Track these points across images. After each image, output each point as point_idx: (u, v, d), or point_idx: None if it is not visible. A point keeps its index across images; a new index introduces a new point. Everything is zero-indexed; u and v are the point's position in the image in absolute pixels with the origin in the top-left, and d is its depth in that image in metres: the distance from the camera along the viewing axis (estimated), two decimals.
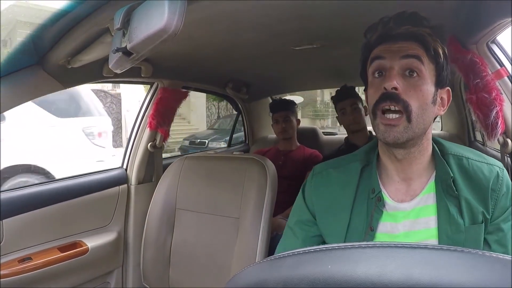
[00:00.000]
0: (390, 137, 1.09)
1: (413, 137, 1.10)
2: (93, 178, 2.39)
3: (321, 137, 4.11)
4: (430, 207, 1.16)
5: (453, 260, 0.45)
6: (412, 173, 1.18)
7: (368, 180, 1.23)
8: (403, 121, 1.07)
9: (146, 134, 2.60)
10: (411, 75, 1.09)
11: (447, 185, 1.14)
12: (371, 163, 1.25)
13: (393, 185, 1.20)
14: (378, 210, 1.17)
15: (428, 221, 1.15)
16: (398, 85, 1.07)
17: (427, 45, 1.11)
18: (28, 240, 1.98)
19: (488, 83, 1.52)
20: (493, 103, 1.51)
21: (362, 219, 1.19)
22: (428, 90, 1.10)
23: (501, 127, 1.54)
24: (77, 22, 1.24)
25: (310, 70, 2.94)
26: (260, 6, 1.41)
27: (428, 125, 1.13)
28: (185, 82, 2.71)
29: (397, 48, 1.11)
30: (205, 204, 2.17)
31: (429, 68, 1.11)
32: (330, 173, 1.31)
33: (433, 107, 1.12)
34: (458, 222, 1.12)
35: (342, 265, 0.48)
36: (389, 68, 1.11)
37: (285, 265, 0.52)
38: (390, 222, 1.17)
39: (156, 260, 2.21)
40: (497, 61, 1.58)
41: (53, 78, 1.56)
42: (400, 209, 1.17)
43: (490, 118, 1.52)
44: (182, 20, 0.88)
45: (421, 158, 1.17)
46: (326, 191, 1.28)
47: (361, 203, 1.21)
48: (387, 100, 1.08)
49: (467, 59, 1.56)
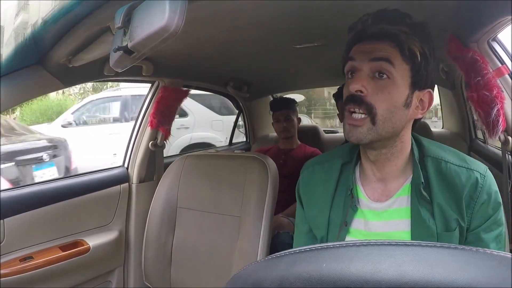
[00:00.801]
0: (353, 137, 1.10)
1: (378, 139, 1.09)
2: (94, 177, 2.39)
3: (322, 136, 4.10)
4: (403, 210, 1.16)
5: (446, 257, 0.45)
6: (386, 174, 1.18)
7: (347, 176, 1.25)
8: (367, 123, 1.07)
9: (147, 132, 2.60)
10: (381, 77, 1.08)
11: (419, 190, 1.13)
12: (352, 160, 1.26)
13: (370, 184, 1.22)
14: (354, 206, 1.19)
15: (400, 224, 1.15)
16: (365, 87, 1.07)
17: (401, 45, 1.07)
18: (29, 239, 1.98)
19: (489, 81, 1.52)
20: (494, 101, 1.51)
21: (339, 214, 1.22)
22: (399, 93, 1.08)
23: (502, 125, 1.54)
24: (78, 21, 1.23)
25: (311, 68, 2.94)
26: (261, 4, 1.41)
27: (399, 128, 1.12)
28: (186, 81, 2.71)
29: (368, 49, 1.10)
30: (206, 202, 2.17)
31: (401, 69, 1.08)
32: (315, 169, 1.34)
33: (405, 110, 1.10)
34: (430, 227, 1.11)
35: (337, 263, 0.48)
36: (358, 69, 1.11)
37: (281, 264, 0.53)
38: (363, 219, 1.19)
39: (157, 259, 2.22)
40: (498, 59, 1.58)
41: (54, 77, 1.56)
42: (372, 208, 1.19)
43: (491, 116, 1.52)
44: (183, 18, 0.87)
45: (395, 160, 1.17)
46: (311, 186, 1.32)
47: (339, 198, 1.24)
48: (351, 102, 1.09)
49: (468, 57, 1.56)
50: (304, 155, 3.19)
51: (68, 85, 1.70)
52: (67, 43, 1.37)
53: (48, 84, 1.58)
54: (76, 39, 1.34)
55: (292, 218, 2.66)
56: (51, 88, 1.64)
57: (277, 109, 3.29)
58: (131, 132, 2.68)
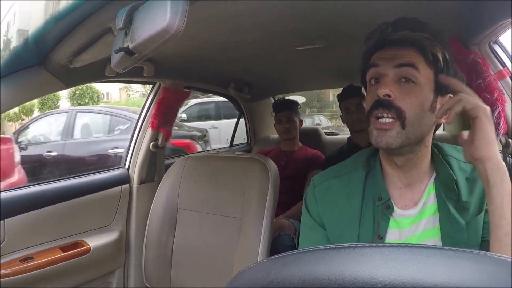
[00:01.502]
0: (382, 142, 1.08)
1: (407, 144, 1.09)
2: (95, 177, 2.39)
3: (323, 137, 4.10)
4: (431, 207, 1.16)
5: (432, 259, 0.45)
6: (412, 177, 1.18)
7: (373, 187, 1.21)
8: (397, 126, 1.06)
9: (148, 134, 2.60)
10: (407, 82, 1.08)
11: (449, 188, 1.14)
12: (374, 169, 1.23)
13: (397, 191, 1.19)
14: (385, 217, 1.16)
15: (429, 221, 1.15)
16: (392, 92, 1.06)
17: (425, 50, 1.09)
18: (30, 239, 1.99)
19: (490, 83, 1.52)
20: (495, 103, 1.51)
21: (370, 227, 1.17)
22: (425, 97, 1.08)
23: (503, 127, 1.54)
24: (80, 22, 1.24)
25: (312, 70, 2.94)
26: (263, 6, 1.41)
27: (426, 133, 1.12)
28: (187, 82, 2.71)
29: (392, 55, 1.10)
30: (207, 204, 2.17)
31: (426, 74, 1.09)
32: (333, 183, 1.28)
33: (431, 115, 1.10)
34: (459, 222, 1.12)
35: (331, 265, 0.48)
36: (383, 75, 1.10)
37: (278, 266, 0.53)
38: (397, 229, 1.16)
39: (158, 260, 2.22)
40: (499, 62, 1.58)
41: (55, 78, 1.57)
42: (406, 215, 1.16)
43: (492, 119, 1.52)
44: (184, 20, 0.88)
45: (420, 164, 1.17)
46: (334, 204, 1.25)
47: (367, 211, 1.19)
48: (380, 107, 1.08)
49: (469, 59, 1.56)
50: (306, 157, 3.19)
51: (69, 85, 1.70)
52: (68, 44, 1.37)
53: (49, 84, 1.58)
54: (77, 40, 1.34)
55: (293, 219, 2.66)
56: (52, 88, 1.64)
57: (280, 110, 3.29)
58: (132, 133, 2.68)
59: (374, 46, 1.16)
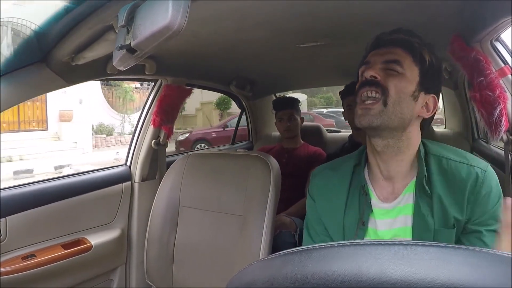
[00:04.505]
0: (364, 120, 1.16)
1: (388, 124, 1.15)
2: (97, 175, 2.40)
3: (325, 135, 4.10)
4: (409, 206, 1.21)
5: (426, 255, 0.45)
6: (394, 171, 1.23)
7: (359, 177, 1.29)
8: (379, 105, 1.14)
9: (149, 131, 2.60)
10: (391, 71, 1.17)
11: (421, 184, 1.18)
12: (361, 161, 1.32)
13: (378, 183, 1.26)
14: (368, 205, 1.23)
15: (406, 219, 1.20)
16: (378, 74, 1.16)
17: (413, 50, 1.19)
18: (31, 237, 1.99)
19: (492, 81, 1.52)
20: (497, 101, 1.51)
21: (354, 215, 1.26)
22: (407, 84, 1.17)
23: (505, 125, 1.53)
24: (82, 19, 1.24)
25: (314, 67, 2.94)
26: (264, 3, 1.41)
27: (407, 119, 1.18)
28: (189, 80, 2.71)
29: (383, 53, 1.20)
30: (209, 201, 2.17)
31: (411, 69, 1.18)
32: (328, 174, 1.39)
33: (412, 102, 1.18)
34: (427, 222, 1.16)
35: (321, 263, 0.49)
36: (371, 63, 1.20)
37: (273, 265, 0.54)
38: (373, 218, 1.24)
39: (159, 257, 2.22)
40: (501, 59, 1.58)
41: (57, 75, 1.57)
42: (380, 207, 1.23)
43: (494, 116, 1.52)
44: (186, 17, 0.88)
45: (401, 155, 1.21)
46: (325, 191, 1.36)
47: (353, 199, 1.28)
48: (366, 85, 1.17)
49: (471, 57, 1.56)
50: (307, 154, 3.19)
51: (71, 83, 1.70)
52: (70, 41, 1.37)
53: (51, 82, 1.58)
54: (79, 37, 1.35)
55: (295, 217, 2.66)
56: (54, 86, 1.64)
57: (281, 108, 3.28)
58: (134, 131, 2.68)
59: (369, 46, 1.28)
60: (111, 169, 2.53)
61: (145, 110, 2.65)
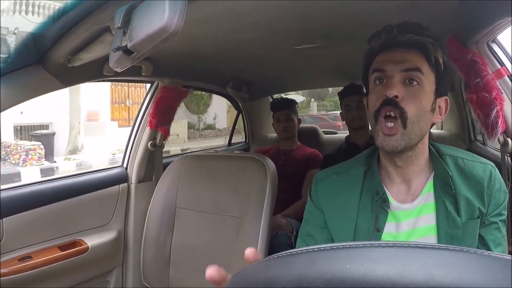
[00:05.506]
0: (388, 146, 1.14)
1: (410, 144, 1.14)
2: (93, 176, 2.39)
3: (321, 136, 4.10)
4: (430, 205, 1.21)
5: (474, 262, 0.44)
6: (410, 174, 1.23)
7: (371, 183, 1.27)
8: (400, 129, 1.12)
9: (146, 133, 2.60)
10: (411, 84, 1.14)
11: (445, 183, 1.19)
12: (373, 166, 1.30)
13: (394, 187, 1.25)
14: (384, 211, 1.22)
15: (429, 218, 1.20)
16: (399, 93, 1.12)
17: (428, 54, 1.15)
18: (28, 238, 1.98)
19: (489, 82, 1.52)
20: (493, 102, 1.51)
21: (367, 220, 1.24)
22: (427, 99, 1.15)
23: (502, 126, 1.54)
24: (78, 21, 1.24)
25: (311, 69, 2.94)
26: (261, 5, 1.41)
27: (425, 132, 1.18)
28: (186, 81, 2.70)
29: (398, 59, 1.15)
30: (205, 203, 2.17)
31: (428, 76, 1.15)
32: (334, 179, 1.35)
33: (430, 115, 1.18)
34: (455, 219, 1.17)
35: (361, 264, 0.46)
36: (389, 76, 1.16)
37: (299, 263, 0.50)
38: (394, 222, 1.22)
39: (156, 259, 2.22)
40: (497, 61, 1.58)
41: (54, 77, 1.57)
42: (403, 209, 1.22)
43: (490, 118, 1.53)
44: (182, 19, 0.88)
45: (417, 161, 1.22)
46: (333, 197, 1.32)
47: (365, 205, 1.26)
48: (387, 105, 1.13)
49: (467, 58, 1.56)
50: (304, 156, 3.20)
51: (67, 85, 1.70)
52: (66, 43, 1.37)
53: (47, 84, 1.58)
54: (75, 38, 1.34)
55: (291, 219, 2.66)
56: (51, 88, 1.64)
57: (278, 109, 3.29)
58: (130, 132, 2.67)
59: (380, 46, 1.21)
60: (108, 171, 2.53)
61: (142, 111, 2.64)
